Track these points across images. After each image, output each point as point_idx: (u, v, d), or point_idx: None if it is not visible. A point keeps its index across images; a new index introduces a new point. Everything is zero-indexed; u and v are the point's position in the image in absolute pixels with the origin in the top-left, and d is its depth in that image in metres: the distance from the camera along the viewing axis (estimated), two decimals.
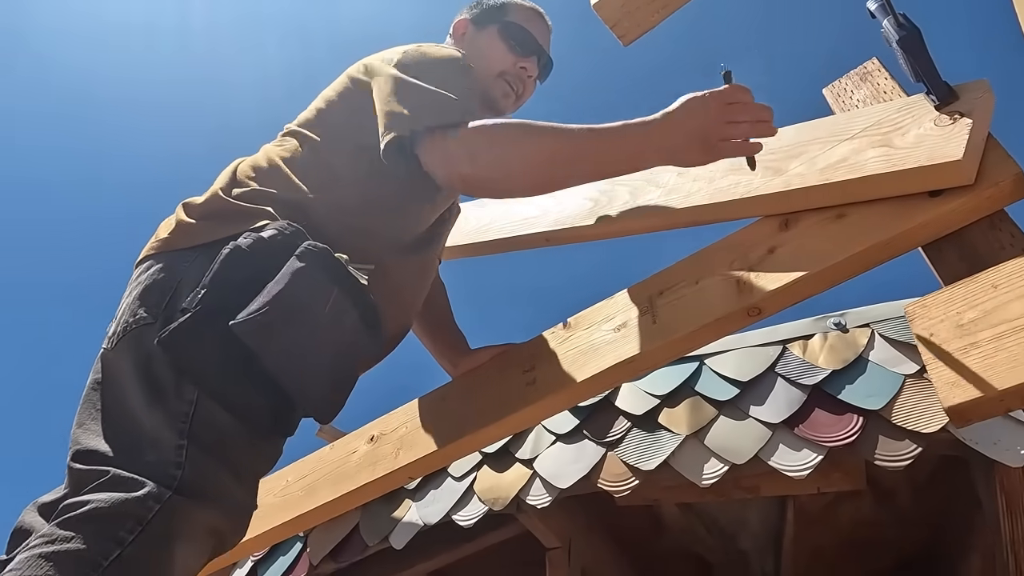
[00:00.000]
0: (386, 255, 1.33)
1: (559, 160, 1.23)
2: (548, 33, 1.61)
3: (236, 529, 1.10)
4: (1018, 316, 0.91)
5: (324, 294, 1.10)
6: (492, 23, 1.57)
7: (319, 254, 1.12)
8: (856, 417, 1.67)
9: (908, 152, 1.13)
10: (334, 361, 1.13)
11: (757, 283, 1.24)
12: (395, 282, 1.36)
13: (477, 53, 1.54)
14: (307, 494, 1.74)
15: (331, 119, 1.38)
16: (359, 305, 1.16)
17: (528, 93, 1.61)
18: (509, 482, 1.93)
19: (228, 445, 1.07)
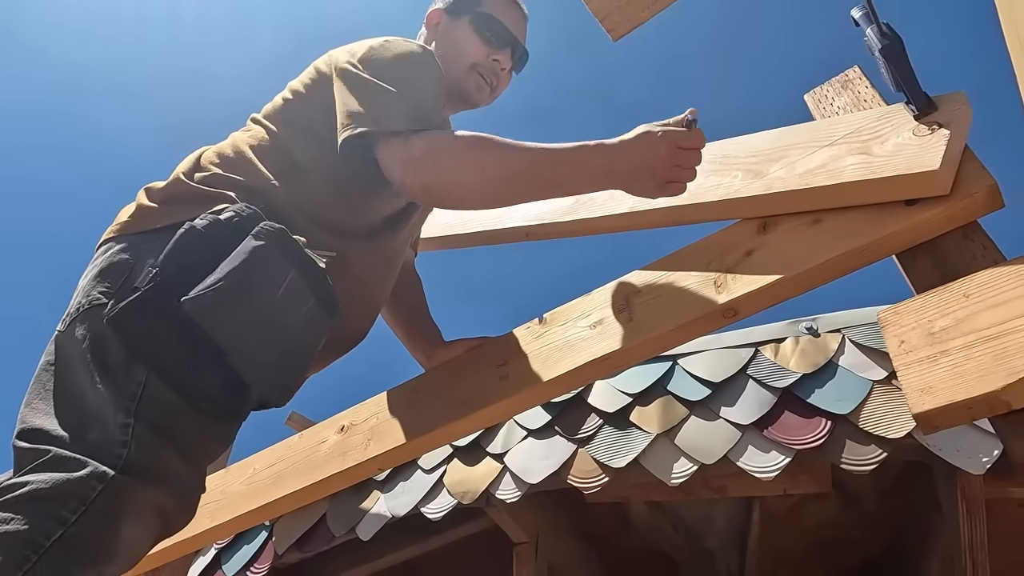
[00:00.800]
0: (347, 244, 1.32)
1: (514, 177, 1.24)
2: (524, 23, 1.58)
3: (183, 510, 1.09)
4: (988, 326, 0.93)
5: (280, 275, 1.09)
6: (465, 13, 1.53)
7: (276, 234, 1.11)
8: (824, 421, 1.69)
9: (886, 160, 1.14)
10: (287, 344, 1.11)
11: (734, 285, 1.24)
12: (358, 271, 1.35)
13: (449, 44, 1.53)
14: (274, 483, 1.72)
15: (295, 110, 1.37)
16: (316, 288, 1.14)
17: (503, 86, 1.59)
18: (479, 476, 1.93)
19: (176, 425, 1.05)
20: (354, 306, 1.37)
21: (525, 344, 1.49)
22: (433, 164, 1.24)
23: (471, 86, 1.53)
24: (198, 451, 1.11)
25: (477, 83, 1.53)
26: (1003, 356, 0.89)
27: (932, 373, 0.93)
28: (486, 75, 1.53)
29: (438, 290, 1.84)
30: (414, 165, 1.24)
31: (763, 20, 6.67)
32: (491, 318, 6.62)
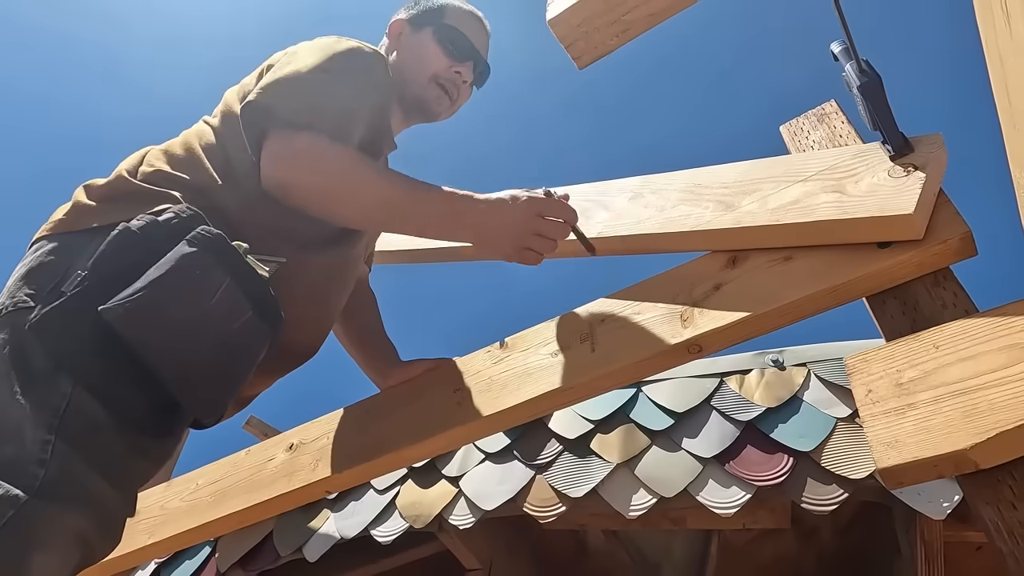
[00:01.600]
0: (299, 252, 1.26)
1: (381, 204, 1.23)
2: (486, 38, 1.57)
3: (107, 537, 1.01)
4: (957, 380, 0.90)
5: (213, 283, 1.02)
6: (428, 25, 1.51)
7: (212, 240, 1.04)
8: (786, 457, 1.67)
9: (860, 200, 1.11)
10: (220, 357, 1.04)
11: (700, 320, 1.21)
12: (310, 281, 1.30)
13: (411, 55, 1.50)
14: (217, 501, 1.64)
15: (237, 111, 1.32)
16: (256, 298, 1.08)
17: (463, 98, 1.57)
18: (432, 499, 1.86)
19: (102, 443, 0.97)
20: (305, 318, 1.32)
21: (484, 369, 1.44)
22: (304, 165, 1.20)
23: (431, 96, 1.50)
24: (126, 471, 1.03)
25: (437, 94, 1.51)
26: (972, 413, 0.85)
27: (899, 426, 0.90)
28: (447, 87, 1.51)
29: (399, 306, 1.79)
30: (285, 159, 1.19)
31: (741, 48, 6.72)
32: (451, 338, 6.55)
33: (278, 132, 1.21)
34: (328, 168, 1.21)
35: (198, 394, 1.02)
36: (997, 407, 0.84)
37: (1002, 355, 0.88)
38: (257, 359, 1.11)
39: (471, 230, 1.25)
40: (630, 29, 0.62)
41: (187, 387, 1.00)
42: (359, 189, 1.22)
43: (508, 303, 6.54)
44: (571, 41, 0.64)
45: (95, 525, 0.97)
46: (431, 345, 6.03)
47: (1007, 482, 0.84)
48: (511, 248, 1.25)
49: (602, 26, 0.62)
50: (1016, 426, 0.82)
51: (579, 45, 0.64)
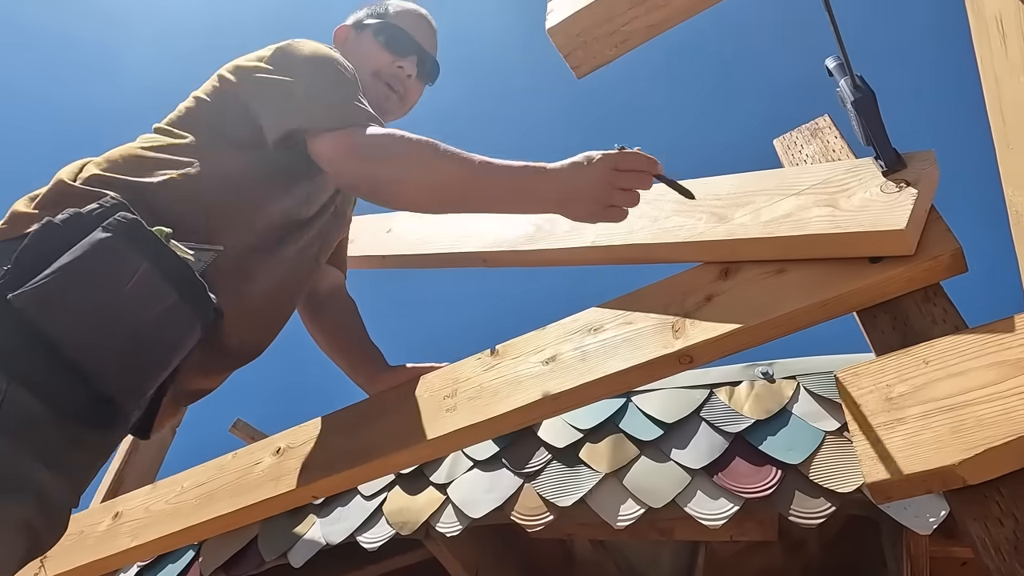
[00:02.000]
0: (244, 251, 1.27)
1: (455, 185, 1.24)
2: (432, 34, 1.61)
3: (52, 527, 1.01)
4: (946, 396, 0.90)
5: (128, 268, 1.00)
6: (368, 26, 1.57)
7: (128, 224, 1.02)
8: (775, 470, 1.66)
9: (852, 215, 1.11)
10: (140, 343, 1.01)
11: (692, 331, 1.21)
12: (250, 279, 1.30)
13: (355, 56, 1.53)
14: (202, 504, 1.62)
15: (198, 116, 1.34)
16: (179, 284, 1.05)
17: (412, 95, 1.61)
18: (420, 506, 1.85)
19: (41, 436, 0.96)
20: (252, 316, 1.32)
21: (475, 375, 1.43)
22: (374, 155, 1.23)
23: (379, 93, 1.54)
24: (67, 462, 1.02)
25: (383, 91, 1.55)
26: (961, 429, 0.86)
27: (888, 441, 0.90)
28: (392, 83, 1.55)
29: (390, 311, 1.79)
30: (356, 152, 1.24)
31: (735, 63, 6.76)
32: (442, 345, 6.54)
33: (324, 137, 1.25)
34: (402, 154, 1.24)
35: (118, 380, 0.99)
36: (986, 423, 0.85)
37: (991, 371, 0.89)
38: (185, 346, 1.08)
39: (549, 199, 1.24)
40: (629, 40, 0.62)
41: (105, 373, 0.98)
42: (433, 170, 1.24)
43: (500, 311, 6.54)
44: (570, 50, 0.64)
45: (40, 515, 0.97)
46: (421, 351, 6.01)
47: (995, 498, 0.84)
48: (594, 208, 1.23)
49: (601, 36, 0.62)
50: (1004, 442, 0.82)
51: (578, 55, 0.64)
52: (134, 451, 2.33)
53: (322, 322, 1.71)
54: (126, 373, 1.00)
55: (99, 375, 0.97)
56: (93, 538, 1.77)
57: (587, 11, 0.61)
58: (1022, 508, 0.82)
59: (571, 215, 1.26)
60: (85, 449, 1.04)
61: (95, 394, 0.98)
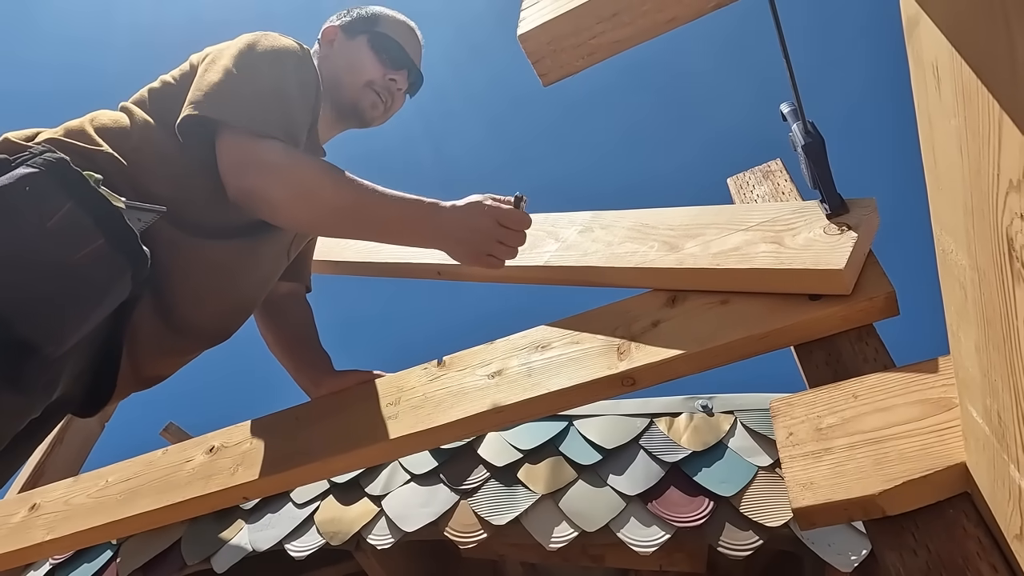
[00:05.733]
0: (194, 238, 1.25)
1: (343, 210, 1.24)
2: (419, 48, 1.62)
3: None
4: (872, 429, 0.94)
5: (50, 205, 0.95)
6: (363, 32, 1.55)
7: (56, 163, 0.99)
8: (707, 501, 1.69)
9: (796, 253, 1.16)
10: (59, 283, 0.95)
11: (636, 354, 1.23)
12: (203, 260, 1.28)
13: (345, 62, 1.53)
14: (126, 500, 1.57)
15: (160, 99, 1.32)
16: (107, 229, 1.00)
17: (396, 106, 1.61)
18: (352, 517, 1.83)
19: None
20: (205, 296, 1.31)
21: (420, 385, 1.43)
22: (266, 173, 1.21)
23: (366, 103, 1.54)
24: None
25: (372, 100, 1.55)
26: (883, 461, 0.90)
27: (815, 469, 0.93)
28: (382, 93, 1.55)
29: (342, 323, 1.78)
30: (245, 167, 1.21)
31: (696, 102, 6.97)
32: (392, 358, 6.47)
33: (226, 138, 1.22)
34: (296, 177, 1.22)
35: (34, 323, 0.92)
36: (906, 457, 0.88)
37: (914, 408, 0.93)
38: (112, 293, 1.03)
39: (435, 237, 1.27)
40: (595, 53, 0.65)
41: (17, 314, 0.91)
42: (323, 197, 1.23)
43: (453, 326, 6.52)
44: (539, 58, 0.66)
45: None
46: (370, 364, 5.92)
47: (910, 530, 0.88)
48: (474, 255, 1.27)
49: (569, 48, 0.64)
50: (922, 476, 0.86)
51: (546, 63, 0.66)
52: (57, 443, 2.24)
53: (275, 322, 1.69)
54: (44, 316, 0.93)
55: (13, 316, 0.90)
56: (6, 529, 1.70)
57: (557, 22, 0.63)
58: (935, 540, 0.86)
59: (453, 255, 1.29)
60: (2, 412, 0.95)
61: (8, 339, 0.90)
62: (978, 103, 0.47)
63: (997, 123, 0.46)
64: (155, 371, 1.38)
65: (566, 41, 0.64)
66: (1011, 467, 0.68)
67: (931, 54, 0.52)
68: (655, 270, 1.31)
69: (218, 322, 1.39)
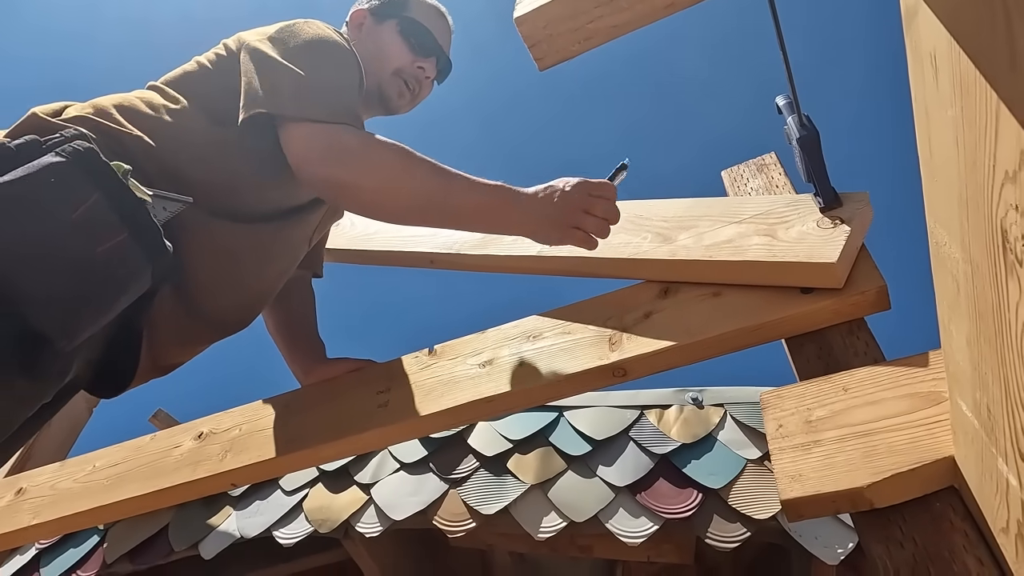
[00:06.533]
0: (220, 222, 1.23)
1: (427, 197, 1.20)
2: (449, 34, 1.57)
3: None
4: (861, 422, 0.94)
5: (77, 196, 0.93)
6: (392, 17, 1.50)
7: (84, 153, 0.96)
8: (696, 493, 1.70)
9: (789, 246, 1.16)
10: (79, 276, 0.93)
11: (628, 345, 1.23)
12: (231, 251, 1.26)
13: (373, 47, 1.49)
14: (113, 485, 1.57)
15: (196, 82, 1.29)
16: (132, 222, 0.98)
17: (424, 93, 1.57)
18: (341, 505, 1.82)
19: None
20: (224, 284, 1.28)
21: (411, 373, 1.43)
22: (347, 159, 1.18)
23: (393, 91, 1.50)
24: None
25: (399, 88, 1.50)
26: (871, 454, 0.90)
27: (804, 461, 0.94)
28: (409, 81, 1.51)
29: (330, 306, 1.77)
30: (329, 156, 1.18)
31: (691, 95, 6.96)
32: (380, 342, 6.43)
33: (297, 129, 1.19)
34: (382, 164, 1.18)
35: (51, 316, 0.91)
36: (895, 450, 0.89)
37: (904, 402, 0.93)
38: (131, 289, 1.01)
39: (519, 220, 1.21)
40: (593, 38, 0.64)
41: (36, 306, 0.89)
42: (410, 184, 1.19)
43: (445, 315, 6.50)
44: (535, 42, 0.65)
45: None
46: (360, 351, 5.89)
47: (897, 523, 0.88)
48: (561, 229, 1.20)
49: (566, 32, 0.63)
50: (910, 469, 0.86)
51: (542, 47, 0.65)
52: (45, 427, 2.23)
53: (277, 304, 1.67)
54: (61, 309, 0.92)
55: (30, 308, 0.88)
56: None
57: (554, 5, 0.62)
58: (921, 533, 0.86)
59: (539, 236, 1.23)
60: (15, 399, 0.95)
61: (25, 329, 0.89)
62: (975, 93, 0.47)
63: (994, 113, 0.46)
64: (172, 359, 1.37)
65: (563, 25, 0.63)
66: (999, 460, 0.68)
67: (929, 44, 0.52)
68: (648, 261, 1.31)
69: (238, 310, 1.38)
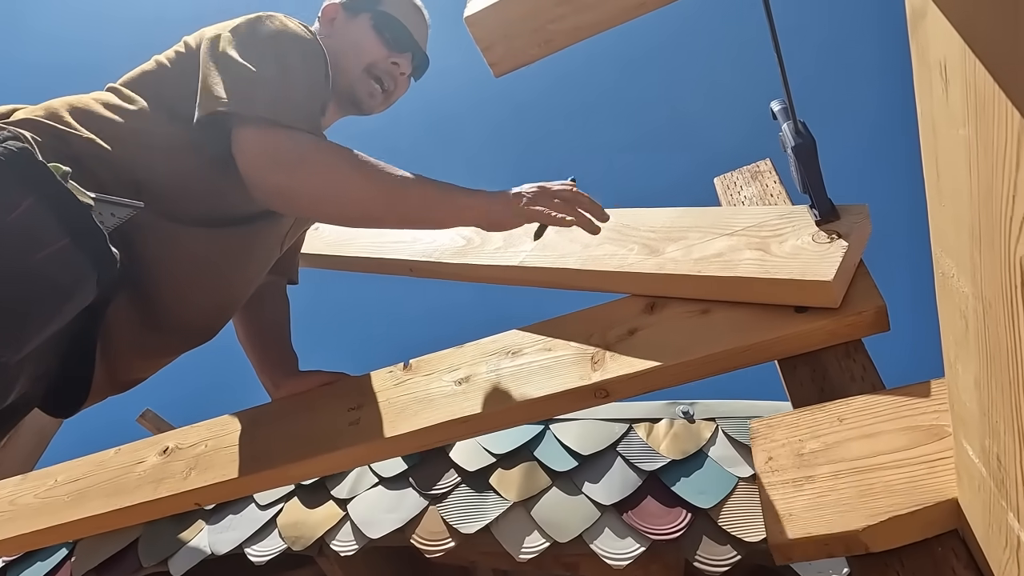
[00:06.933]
0: (179, 226, 1.17)
1: (373, 201, 1.15)
2: (425, 29, 1.50)
3: None
4: (857, 456, 0.87)
5: (10, 199, 0.87)
6: (365, 11, 1.43)
7: (17, 153, 0.89)
8: (685, 513, 1.63)
9: (782, 262, 1.09)
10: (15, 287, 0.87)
11: (611, 364, 1.16)
12: (187, 253, 1.19)
13: (345, 42, 1.41)
14: (74, 501, 1.49)
15: (153, 81, 1.23)
16: (73, 229, 0.92)
17: (399, 91, 1.49)
18: (316, 521, 1.75)
19: None
20: (189, 292, 1.22)
21: (384, 389, 1.36)
22: (295, 166, 1.11)
23: (364, 90, 1.42)
24: None
25: (371, 88, 1.43)
26: (868, 493, 0.83)
27: (794, 499, 0.87)
28: (383, 78, 1.43)
29: (312, 318, 1.69)
30: (273, 162, 1.11)
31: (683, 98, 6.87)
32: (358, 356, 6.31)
33: (247, 132, 1.13)
34: (326, 169, 1.13)
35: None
36: (893, 489, 0.82)
37: (903, 436, 0.86)
38: (76, 297, 0.95)
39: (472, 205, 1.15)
40: (554, 40, 0.56)
41: None
42: (354, 190, 1.14)
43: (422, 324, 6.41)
44: (488, 44, 0.58)
45: None
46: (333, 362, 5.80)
47: (895, 568, 0.81)
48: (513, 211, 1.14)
49: (524, 32, 0.56)
50: (909, 512, 0.79)
51: (497, 50, 0.58)
52: (13, 435, 2.16)
53: (248, 311, 1.59)
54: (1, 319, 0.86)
55: None
56: None
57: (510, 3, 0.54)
58: None
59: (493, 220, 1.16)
60: None
61: None
62: (993, 112, 0.40)
63: (1016, 137, 0.38)
64: (132, 374, 1.30)
65: (521, 25, 0.55)
66: (1009, 515, 0.61)
67: (939, 52, 0.45)
68: (633, 274, 1.24)
69: (202, 319, 1.31)
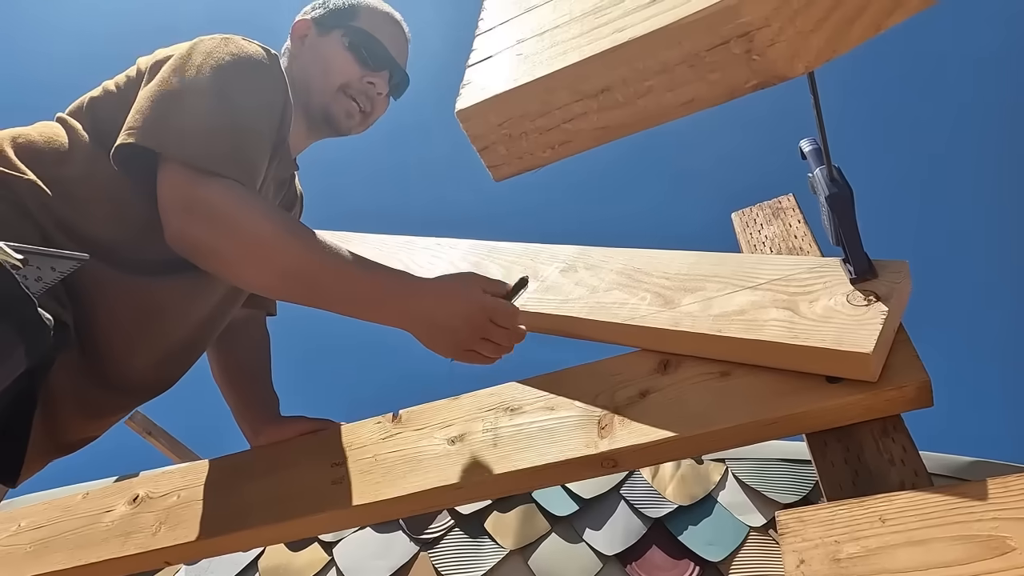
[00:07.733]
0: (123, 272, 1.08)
1: (304, 277, 1.05)
2: (405, 43, 1.39)
3: None
4: (904, 569, 0.76)
5: None
6: (337, 27, 1.32)
7: None
8: (693, 566, 1.54)
9: (814, 326, 0.98)
10: None
11: (620, 431, 1.05)
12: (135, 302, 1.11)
13: (317, 61, 1.31)
14: (35, 553, 1.39)
15: (99, 109, 1.13)
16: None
17: (378, 112, 1.39)
18: (300, 566, 1.65)
19: None
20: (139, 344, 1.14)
21: (371, 444, 1.25)
22: (214, 222, 1.01)
23: (340, 111, 1.32)
24: None
25: (347, 108, 1.32)
26: None
27: None
28: (359, 99, 1.32)
29: (292, 352, 1.58)
30: (190, 211, 1.01)
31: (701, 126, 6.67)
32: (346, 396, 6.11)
33: (172, 171, 1.03)
34: (249, 230, 1.02)
35: None
36: None
37: (957, 547, 0.76)
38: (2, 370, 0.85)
39: (404, 318, 1.07)
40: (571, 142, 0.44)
41: None
42: (278, 257, 1.04)
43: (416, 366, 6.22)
44: (487, 144, 0.46)
45: None
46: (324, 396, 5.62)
47: None
48: (450, 348, 1.08)
49: (532, 131, 0.44)
50: None
51: (498, 151, 0.46)
52: None
53: (222, 350, 1.47)
54: None
55: None
56: None
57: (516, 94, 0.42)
58: None
59: (425, 342, 1.09)
60: None
61: None
62: None
63: None
64: (79, 433, 1.20)
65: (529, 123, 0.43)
66: None
67: None
68: (646, 329, 1.12)
69: (154, 371, 1.21)
